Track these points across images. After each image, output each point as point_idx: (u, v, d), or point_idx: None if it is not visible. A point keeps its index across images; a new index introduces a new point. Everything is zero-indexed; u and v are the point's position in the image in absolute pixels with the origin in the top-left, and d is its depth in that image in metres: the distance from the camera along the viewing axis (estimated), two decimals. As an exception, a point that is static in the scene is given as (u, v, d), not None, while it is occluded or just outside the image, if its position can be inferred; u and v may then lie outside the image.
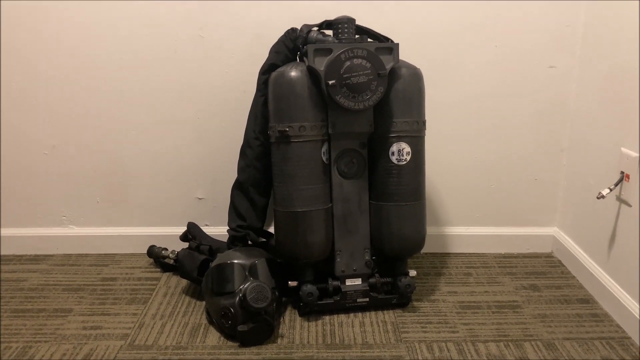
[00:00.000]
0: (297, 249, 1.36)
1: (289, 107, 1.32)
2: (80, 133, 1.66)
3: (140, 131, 1.67)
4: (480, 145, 1.69)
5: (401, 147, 1.36)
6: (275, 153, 1.36)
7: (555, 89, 1.63)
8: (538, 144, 1.69)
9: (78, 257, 1.74)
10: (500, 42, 1.59)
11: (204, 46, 1.59)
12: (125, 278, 1.61)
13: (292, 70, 1.32)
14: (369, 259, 1.43)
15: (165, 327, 1.37)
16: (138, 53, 1.59)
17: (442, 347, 1.28)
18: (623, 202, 1.38)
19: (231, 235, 1.51)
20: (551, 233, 1.77)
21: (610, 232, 1.44)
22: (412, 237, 1.40)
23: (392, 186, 1.38)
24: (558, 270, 1.66)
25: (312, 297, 1.37)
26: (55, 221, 1.76)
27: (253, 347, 1.28)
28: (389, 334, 1.34)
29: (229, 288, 1.32)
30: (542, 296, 1.51)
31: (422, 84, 1.38)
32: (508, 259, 1.73)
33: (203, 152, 1.69)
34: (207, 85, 1.62)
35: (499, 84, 1.63)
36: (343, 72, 1.28)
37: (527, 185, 1.73)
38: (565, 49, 1.60)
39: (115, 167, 1.70)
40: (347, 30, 1.35)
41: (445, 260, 1.72)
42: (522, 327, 1.37)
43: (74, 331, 1.35)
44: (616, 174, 1.39)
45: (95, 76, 1.61)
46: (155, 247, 1.68)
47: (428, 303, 1.48)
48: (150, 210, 1.75)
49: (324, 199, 1.37)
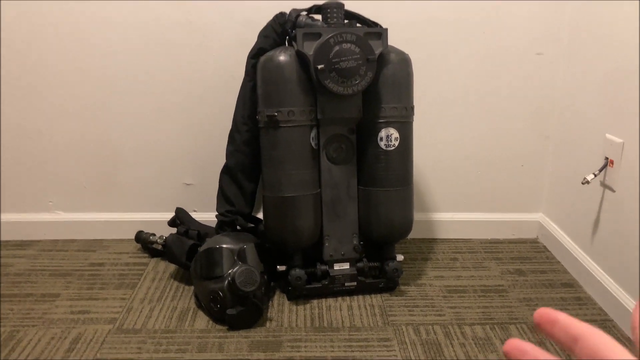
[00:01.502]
0: (285, 234, 1.37)
1: (277, 91, 1.32)
2: (67, 118, 1.65)
3: (127, 116, 1.66)
4: (467, 131, 1.70)
5: (390, 133, 1.37)
6: (263, 138, 1.36)
7: (542, 76, 1.65)
8: (525, 130, 1.70)
9: (65, 242, 1.74)
10: (488, 29, 1.60)
11: (192, 31, 1.58)
12: (113, 263, 1.61)
13: (280, 55, 1.32)
14: (357, 243, 1.44)
15: (153, 312, 1.37)
16: (126, 38, 1.58)
17: (429, 330, 1.30)
18: (607, 187, 1.40)
19: (220, 221, 1.51)
20: (537, 219, 1.79)
21: (594, 218, 1.46)
22: (399, 222, 1.41)
23: (380, 172, 1.39)
24: (543, 256, 1.69)
25: (301, 281, 1.37)
26: (42, 207, 1.74)
27: (242, 330, 1.29)
28: (377, 317, 1.35)
29: (218, 272, 1.32)
30: (527, 280, 1.54)
31: (411, 70, 1.39)
32: (494, 244, 1.76)
33: (191, 138, 1.68)
34: (195, 70, 1.61)
35: (486, 71, 1.64)
36: (332, 56, 1.28)
37: (513, 172, 1.75)
38: (553, 36, 1.61)
39: (102, 152, 1.69)
40: (336, 15, 1.35)
41: (432, 246, 1.74)
42: (508, 310, 1.39)
43: (61, 315, 1.35)
44: (600, 160, 1.41)
45: (82, 61, 1.60)
46: (143, 232, 1.67)
47: (415, 287, 1.49)
48: (138, 195, 1.74)
49: (312, 184, 1.37)
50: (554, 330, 0.29)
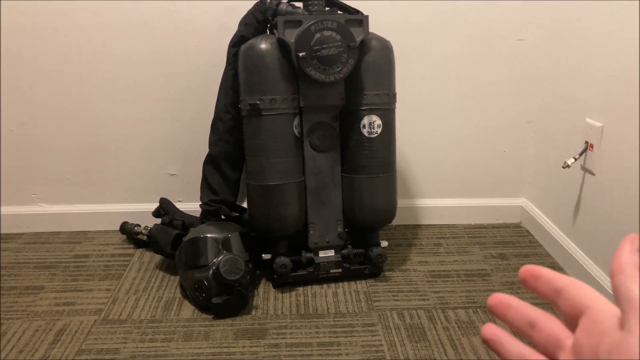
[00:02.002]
0: (270, 222, 1.37)
1: (259, 79, 1.32)
2: (49, 109, 1.63)
3: (109, 107, 1.64)
4: (450, 117, 1.71)
5: (372, 120, 1.37)
6: (246, 126, 1.36)
7: (524, 62, 1.66)
8: (506, 116, 1.72)
9: (49, 235, 1.73)
10: (470, 15, 1.60)
11: (173, 19, 1.57)
12: (98, 255, 1.61)
13: (262, 43, 1.32)
14: (342, 230, 1.45)
15: (139, 302, 1.37)
16: (106, 26, 1.56)
17: (413, 314, 1.32)
18: (587, 171, 1.42)
19: (204, 210, 1.51)
20: (520, 204, 1.81)
21: (575, 201, 1.48)
22: (383, 208, 1.42)
23: (363, 159, 1.39)
24: (526, 240, 1.71)
25: (286, 269, 1.38)
26: (24, 199, 1.73)
27: (227, 318, 1.30)
28: (361, 302, 1.36)
29: (203, 261, 1.32)
30: (510, 264, 1.56)
31: (392, 57, 1.39)
32: (478, 229, 1.77)
33: (174, 127, 1.67)
34: (177, 58, 1.60)
35: (468, 57, 1.65)
36: (313, 44, 1.28)
37: (496, 157, 1.76)
38: (534, 22, 1.62)
39: (85, 143, 1.68)
40: (317, 2, 1.35)
41: (417, 232, 1.76)
42: (491, 293, 1.40)
43: (46, 308, 1.34)
44: (581, 144, 1.43)
45: (63, 51, 1.58)
46: (127, 223, 1.67)
47: (399, 273, 1.51)
48: (122, 186, 1.73)
49: (296, 172, 1.38)
50: (537, 285, 0.30)
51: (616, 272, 0.27)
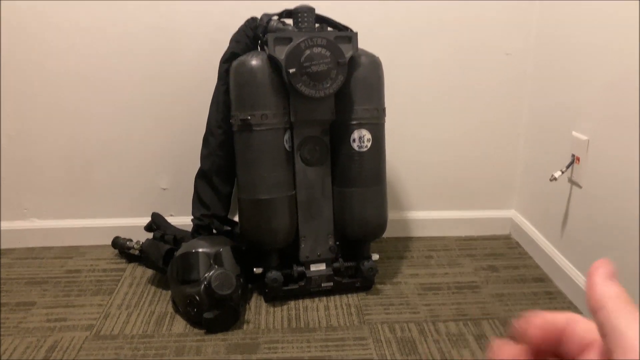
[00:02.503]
0: (261, 235, 1.38)
1: (250, 95, 1.33)
2: (40, 123, 1.64)
3: (101, 121, 1.65)
4: (440, 130, 1.73)
5: (362, 134, 1.39)
6: (237, 141, 1.38)
7: (512, 76, 1.68)
8: (495, 129, 1.74)
9: (41, 250, 1.73)
10: (458, 29, 1.63)
11: (165, 34, 1.58)
12: (90, 270, 1.61)
13: (253, 59, 1.33)
14: (333, 244, 1.46)
15: (131, 317, 1.37)
16: (97, 40, 1.58)
17: (404, 328, 1.33)
18: (574, 183, 1.44)
19: (195, 224, 1.52)
20: (509, 215, 1.83)
21: (563, 213, 1.50)
22: (374, 221, 1.44)
23: (353, 172, 1.41)
24: (516, 251, 1.72)
25: (277, 283, 1.39)
26: (16, 214, 1.73)
27: (219, 333, 1.30)
28: (353, 316, 1.37)
29: (194, 276, 1.33)
30: (500, 276, 1.57)
31: (382, 72, 1.41)
32: (468, 241, 1.79)
33: (166, 142, 1.68)
34: (169, 73, 1.62)
35: (458, 71, 1.67)
36: (303, 60, 1.30)
37: (485, 170, 1.78)
38: (521, 37, 1.64)
39: (77, 158, 1.68)
40: (307, 19, 1.36)
41: (408, 244, 1.77)
42: (481, 306, 1.42)
43: (37, 324, 1.34)
44: (568, 157, 1.45)
45: (53, 64, 1.59)
46: (119, 238, 1.67)
47: (390, 285, 1.52)
48: (114, 201, 1.74)
49: (287, 185, 1.39)
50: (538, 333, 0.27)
51: (596, 309, 0.24)
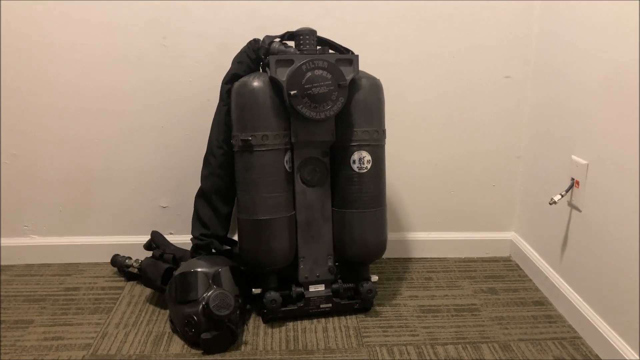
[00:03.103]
0: (260, 256, 1.38)
1: (251, 116, 1.34)
2: (42, 141, 1.65)
3: (103, 139, 1.66)
4: (440, 152, 1.73)
5: (362, 156, 1.40)
6: (238, 162, 1.38)
7: (511, 99, 1.69)
8: (495, 152, 1.74)
9: (40, 267, 1.72)
10: (458, 53, 1.64)
11: (167, 55, 1.60)
12: (89, 287, 1.60)
13: (254, 81, 1.34)
14: (332, 265, 1.45)
15: (128, 336, 1.36)
16: (101, 60, 1.59)
17: (403, 351, 1.32)
18: (574, 207, 1.44)
19: (195, 244, 1.52)
20: (509, 237, 1.83)
21: (562, 236, 1.50)
22: (373, 242, 1.43)
23: (353, 193, 1.41)
24: (515, 274, 1.72)
25: (276, 304, 1.38)
26: (16, 231, 1.73)
27: (217, 354, 1.29)
28: (351, 338, 1.37)
29: (193, 296, 1.32)
30: (499, 299, 1.56)
31: (382, 94, 1.42)
32: (468, 263, 1.78)
33: (167, 161, 1.69)
34: (170, 93, 1.63)
35: (457, 94, 1.68)
36: (304, 82, 1.31)
37: (485, 192, 1.78)
38: (520, 60, 1.66)
39: (78, 175, 1.69)
40: (309, 42, 1.38)
41: (407, 265, 1.76)
42: (480, 329, 1.41)
43: (34, 342, 1.34)
44: (567, 180, 1.45)
45: (57, 83, 1.60)
46: (119, 256, 1.67)
47: (389, 307, 1.51)
48: (114, 219, 1.74)
49: (287, 206, 1.39)
50: None
51: None
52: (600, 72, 1.31)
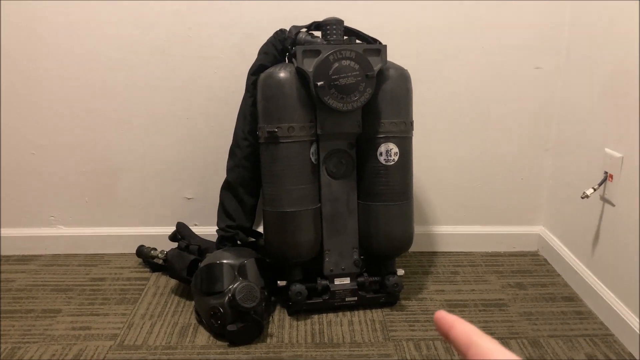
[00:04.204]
0: (285, 248, 1.37)
1: (277, 108, 1.33)
2: (69, 132, 1.66)
3: (128, 131, 1.67)
4: (467, 144, 1.70)
5: (389, 148, 1.38)
6: (264, 153, 1.37)
7: (541, 90, 1.66)
8: (524, 144, 1.71)
9: (66, 257, 1.74)
10: (487, 43, 1.61)
11: (192, 46, 1.59)
12: (114, 278, 1.61)
13: (281, 71, 1.33)
14: (358, 258, 1.44)
15: (154, 327, 1.37)
16: (126, 52, 1.59)
17: (430, 345, 1.30)
18: (607, 201, 1.40)
19: (220, 236, 1.51)
20: (537, 232, 1.79)
21: (594, 231, 1.46)
22: (399, 236, 1.42)
23: (380, 186, 1.39)
24: (544, 269, 1.68)
25: (301, 297, 1.38)
26: (43, 221, 1.75)
27: (242, 346, 1.29)
28: (377, 332, 1.35)
29: (218, 288, 1.32)
30: (527, 294, 1.54)
31: (410, 85, 1.40)
32: (495, 257, 1.76)
33: (192, 152, 1.69)
34: (196, 85, 1.63)
35: (486, 85, 1.65)
36: (332, 73, 1.29)
37: (513, 185, 1.75)
38: (552, 50, 1.62)
39: (103, 166, 1.70)
40: (336, 32, 1.36)
41: (433, 259, 1.74)
42: (508, 324, 1.39)
43: (62, 332, 1.35)
44: (599, 174, 1.42)
45: (83, 75, 1.61)
46: (144, 247, 1.68)
47: (416, 301, 1.49)
48: (139, 210, 1.75)
49: (312, 199, 1.38)
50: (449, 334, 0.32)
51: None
52: (637, 62, 1.27)
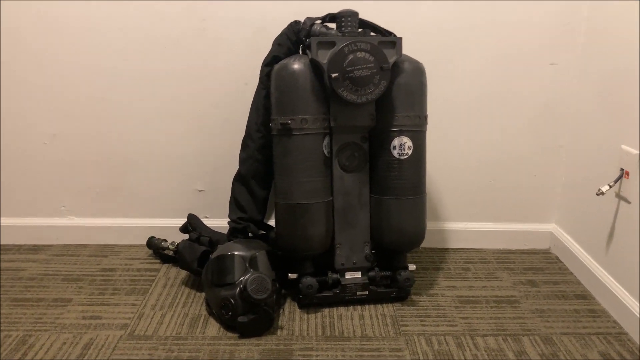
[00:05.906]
0: (297, 241, 1.37)
1: (291, 99, 1.32)
2: (81, 123, 1.66)
3: (141, 122, 1.66)
4: (480, 141, 1.69)
5: (403, 142, 1.37)
6: (276, 146, 1.37)
7: (556, 86, 1.64)
8: (537, 140, 1.69)
9: (77, 247, 1.74)
10: (502, 39, 1.59)
11: (206, 38, 1.59)
12: (125, 269, 1.61)
13: (295, 63, 1.32)
14: (369, 252, 1.43)
15: (165, 318, 1.37)
16: (140, 44, 1.59)
17: (441, 341, 1.29)
18: (622, 198, 1.38)
19: (231, 227, 1.51)
20: (549, 229, 1.78)
21: (608, 229, 1.45)
22: (411, 231, 1.41)
23: (392, 180, 1.38)
24: (556, 266, 1.67)
25: (312, 290, 1.37)
26: (54, 211, 1.75)
27: (253, 338, 1.29)
28: (388, 327, 1.34)
29: (229, 279, 1.32)
30: (539, 292, 1.52)
31: (425, 79, 1.39)
32: (506, 254, 1.74)
33: (204, 144, 1.69)
34: (209, 76, 1.62)
35: (500, 80, 1.63)
36: (346, 65, 1.28)
37: (526, 182, 1.73)
38: (567, 46, 1.60)
39: (115, 157, 1.70)
40: (351, 24, 1.35)
41: (444, 255, 1.73)
42: (520, 321, 1.38)
43: (73, 320, 1.35)
44: (614, 171, 1.40)
45: (96, 67, 1.61)
46: (154, 238, 1.68)
47: (427, 297, 1.49)
48: (150, 201, 1.75)
49: (324, 192, 1.37)
50: None
51: None
52: (656, 57, 1.25)
